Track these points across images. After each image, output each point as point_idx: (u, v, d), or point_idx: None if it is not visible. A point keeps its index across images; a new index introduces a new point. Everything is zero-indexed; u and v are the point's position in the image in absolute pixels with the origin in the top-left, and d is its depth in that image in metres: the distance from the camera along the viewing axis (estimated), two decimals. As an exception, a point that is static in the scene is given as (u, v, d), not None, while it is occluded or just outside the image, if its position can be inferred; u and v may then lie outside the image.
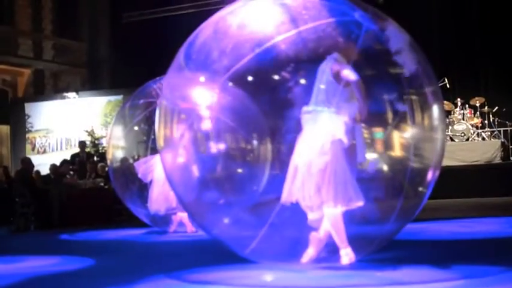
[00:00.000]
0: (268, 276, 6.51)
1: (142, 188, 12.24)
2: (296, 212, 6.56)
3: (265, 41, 6.45)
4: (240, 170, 7.62)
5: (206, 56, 6.80)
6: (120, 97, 24.39)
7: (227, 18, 6.74)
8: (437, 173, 6.65)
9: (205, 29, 6.77)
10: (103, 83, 29.13)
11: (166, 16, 27.36)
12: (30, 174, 16.04)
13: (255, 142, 7.64)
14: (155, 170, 11.48)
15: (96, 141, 23.57)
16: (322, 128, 6.46)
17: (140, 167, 11.99)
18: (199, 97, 7.08)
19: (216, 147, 7.39)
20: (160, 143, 7.07)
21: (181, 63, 6.79)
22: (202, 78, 7.01)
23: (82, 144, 20.68)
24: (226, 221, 7.03)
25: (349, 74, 6.43)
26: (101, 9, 29.92)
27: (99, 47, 29.96)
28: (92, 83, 29.02)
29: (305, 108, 6.56)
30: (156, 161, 11.20)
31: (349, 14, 6.42)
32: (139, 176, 11.96)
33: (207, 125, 7.21)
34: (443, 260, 6.93)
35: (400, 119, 6.58)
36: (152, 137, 11.99)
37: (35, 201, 14.90)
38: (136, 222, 12.68)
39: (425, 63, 6.66)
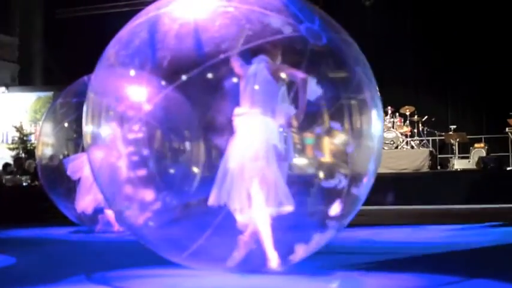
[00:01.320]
0: (191, 280, 6.47)
1: (71, 186, 12.08)
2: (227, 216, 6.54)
3: (204, 58, 6.38)
4: (171, 171, 7.56)
5: (139, 61, 6.71)
6: (50, 93, 24.12)
7: (164, 22, 6.63)
8: (372, 180, 6.70)
9: (139, 26, 6.66)
10: (34, 79, 28.67)
11: (101, 13, 27.11)
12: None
13: (186, 143, 7.60)
14: (84, 168, 11.34)
15: (25, 138, 23.23)
16: (257, 133, 6.44)
17: (69, 164, 11.83)
18: (131, 94, 7.00)
19: (146, 146, 7.30)
20: (87, 139, 6.95)
21: (112, 58, 6.69)
22: (133, 75, 6.90)
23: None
24: (152, 222, 6.96)
25: (296, 71, 6.43)
26: (34, 4, 29.45)
27: (32, 42, 29.45)
28: (22, 79, 28.54)
29: (238, 110, 6.53)
30: (85, 159, 11.05)
31: (295, 29, 6.39)
32: (68, 173, 11.80)
33: (136, 123, 7.13)
34: (367, 267, 7.01)
35: (335, 125, 6.60)
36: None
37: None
38: (64, 221, 12.49)
39: (364, 68, 6.69)
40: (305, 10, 6.52)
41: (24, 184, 16.40)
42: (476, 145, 20.74)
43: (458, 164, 20.13)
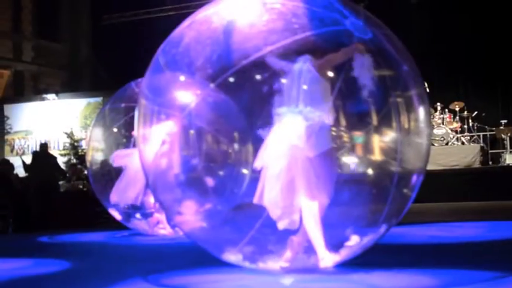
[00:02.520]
0: (247, 281, 6.47)
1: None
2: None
3: (252, 51, 6.38)
4: (220, 172, 7.59)
5: (189, 58, 6.74)
6: (99, 99, 24.33)
7: (212, 20, 6.66)
8: (422, 177, 6.64)
9: (189, 29, 6.70)
10: (83, 84, 29.01)
11: (147, 18, 27.32)
12: (8, 176, 15.94)
13: (235, 145, 7.62)
14: (129, 162, 11.42)
15: (76, 144, 23.49)
16: (284, 132, 6.44)
17: (114, 154, 11.94)
18: (181, 99, 7.05)
19: (197, 148, 7.34)
20: (139, 142, 7.00)
21: (162, 63, 6.74)
22: (183, 80, 6.96)
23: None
24: (206, 223, 7.00)
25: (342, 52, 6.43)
26: (81, 10, 29.80)
27: (80, 48, 29.84)
28: (71, 85, 28.87)
29: (278, 110, 6.53)
30: (133, 153, 11.08)
31: (340, 23, 6.36)
32: (112, 160, 11.91)
33: (187, 126, 7.18)
34: (422, 264, 6.96)
35: (384, 122, 6.56)
36: (132, 139, 11.96)
37: (13, 203, 14.81)
38: (116, 225, 12.62)
39: (412, 65, 6.64)
40: (349, 7, 6.49)
41: (84, 189, 16.60)
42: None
43: (510, 159, 19.83)
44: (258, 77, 6.59)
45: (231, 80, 6.53)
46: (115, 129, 12.98)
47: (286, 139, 6.39)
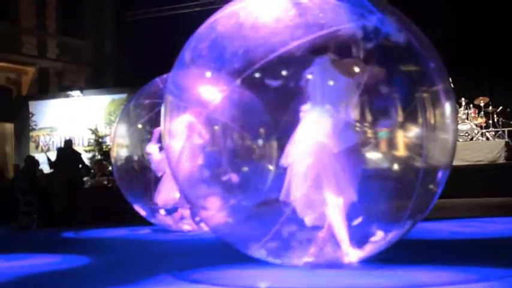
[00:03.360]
0: (273, 276, 6.48)
1: (147, 187, 12.23)
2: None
3: (279, 46, 6.38)
4: (245, 168, 7.60)
5: (216, 54, 6.74)
6: (124, 95, 24.43)
7: (239, 15, 6.66)
8: (447, 173, 6.61)
9: (216, 25, 6.70)
10: (107, 81, 29.14)
11: (171, 14, 27.38)
12: (33, 173, 16.04)
13: (260, 141, 7.62)
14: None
15: (100, 140, 23.59)
16: (308, 129, 6.44)
17: (153, 161, 11.96)
18: (207, 94, 7.07)
19: (222, 144, 7.36)
20: (166, 138, 7.03)
21: (188, 58, 6.75)
22: (210, 76, 6.97)
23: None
24: (231, 218, 7.01)
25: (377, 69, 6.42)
26: (105, 7, 29.94)
27: (104, 45, 29.99)
28: (96, 82, 29.01)
29: (303, 107, 6.53)
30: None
31: (367, 18, 6.35)
32: (152, 166, 11.96)
33: (213, 122, 7.20)
34: (447, 260, 6.93)
35: (410, 118, 6.54)
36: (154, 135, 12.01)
37: (38, 200, 14.91)
38: (141, 221, 12.66)
39: (437, 61, 6.60)
40: (375, 3, 6.48)
41: (109, 185, 16.68)
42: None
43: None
44: (283, 73, 6.59)
45: (257, 75, 6.53)
46: (140, 126, 13.01)
47: (311, 136, 6.39)
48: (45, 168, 17.95)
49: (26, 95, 27.60)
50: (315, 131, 6.39)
